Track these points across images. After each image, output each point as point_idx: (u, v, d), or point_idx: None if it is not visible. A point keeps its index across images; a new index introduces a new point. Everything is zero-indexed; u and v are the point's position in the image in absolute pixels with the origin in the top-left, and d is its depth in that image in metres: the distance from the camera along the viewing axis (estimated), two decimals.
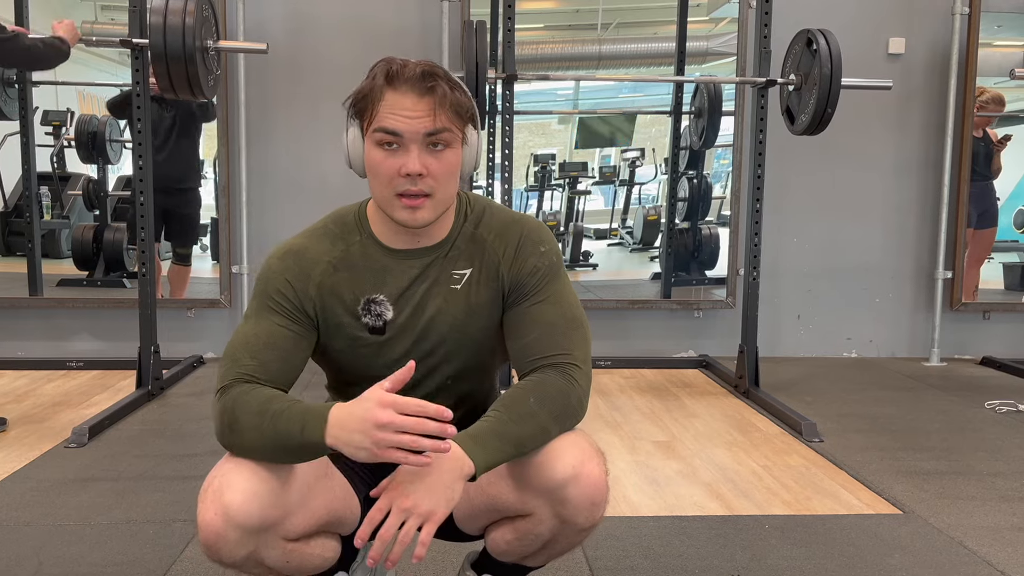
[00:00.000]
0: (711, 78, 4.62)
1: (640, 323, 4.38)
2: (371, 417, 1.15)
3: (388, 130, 1.26)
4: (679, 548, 2.04)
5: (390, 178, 1.28)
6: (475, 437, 1.23)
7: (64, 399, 3.43)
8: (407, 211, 1.29)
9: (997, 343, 4.46)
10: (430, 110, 1.25)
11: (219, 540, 1.22)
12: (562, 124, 5.45)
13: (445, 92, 1.26)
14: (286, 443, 1.21)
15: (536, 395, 1.27)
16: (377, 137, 1.27)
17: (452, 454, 1.19)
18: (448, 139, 1.28)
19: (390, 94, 1.26)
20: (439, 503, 1.18)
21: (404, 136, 1.26)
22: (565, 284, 1.39)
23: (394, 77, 1.26)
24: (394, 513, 1.17)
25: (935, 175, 4.37)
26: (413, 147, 1.26)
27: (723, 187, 4.76)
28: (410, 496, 1.17)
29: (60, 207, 4.57)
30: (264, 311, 1.34)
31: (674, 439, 2.98)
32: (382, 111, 1.26)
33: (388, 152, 1.27)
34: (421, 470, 1.18)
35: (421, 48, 4.11)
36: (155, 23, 2.97)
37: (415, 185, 1.27)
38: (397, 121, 1.25)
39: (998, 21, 4.45)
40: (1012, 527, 2.21)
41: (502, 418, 1.25)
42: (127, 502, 2.30)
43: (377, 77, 1.27)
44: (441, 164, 1.28)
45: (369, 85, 1.28)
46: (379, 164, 1.28)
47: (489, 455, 1.22)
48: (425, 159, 1.27)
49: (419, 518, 1.17)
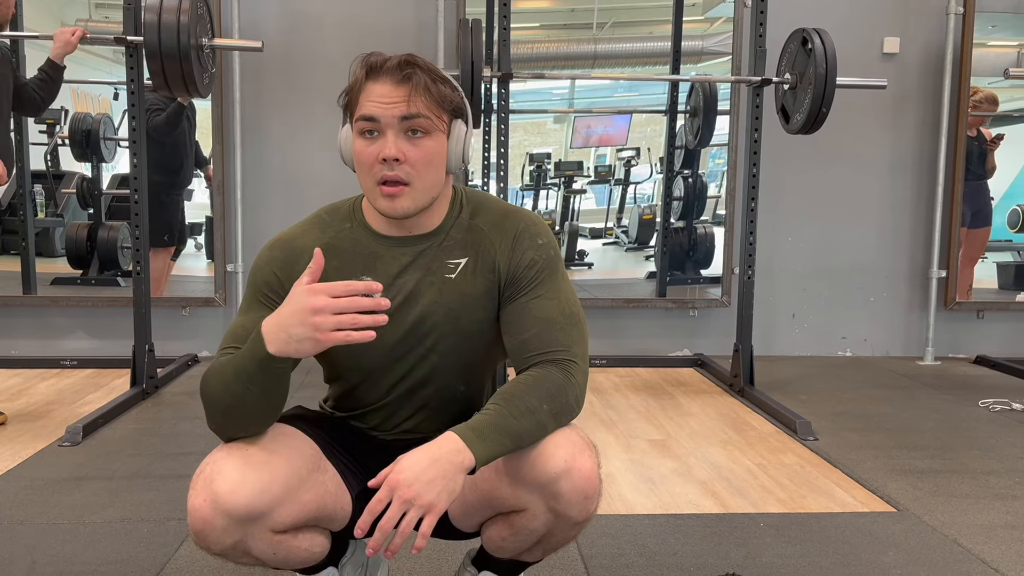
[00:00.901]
0: (706, 77, 4.63)
1: (635, 322, 4.39)
2: (305, 306, 1.15)
3: (365, 116, 1.29)
4: (674, 546, 2.05)
5: (370, 166, 1.30)
6: (476, 429, 1.22)
7: (58, 398, 3.42)
8: (387, 199, 1.31)
9: (991, 342, 4.47)
10: (405, 96, 1.28)
11: (206, 527, 1.24)
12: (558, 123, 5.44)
13: (422, 80, 1.29)
14: (244, 375, 1.22)
15: (536, 391, 1.27)
16: (358, 126, 1.30)
17: (454, 446, 1.20)
18: (425, 125, 1.29)
19: (369, 84, 1.30)
20: (440, 495, 1.17)
21: (380, 121, 1.28)
22: (563, 279, 1.39)
23: (373, 68, 1.29)
24: (395, 504, 1.16)
25: (929, 174, 4.38)
26: (389, 132, 1.29)
27: (718, 186, 4.76)
28: (411, 487, 1.16)
29: (54, 205, 4.55)
30: (253, 303, 1.36)
31: (669, 438, 2.98)
32: (362, 100, 1.29)
33: (368, 140, 1.30)
34: (421, 460, 1.18)
35: (416, 46, 4.10)
36: (150, 21, 2.96)
37: (391, 170, 1.29)
38: (374, 107, 1.28)
39: (992, 21, 4.47)
40: (1006, 525, 2.22)
41: (502, 412, 1.24)
42: (121, 501, 2.30)
43: (358, 70, 1.31)
44: (419, 151, 1.30)
45: (353, 79, 1.31)
46: (360, 153, 1.31)
47: (489, 448, 1.22)
48: (402, 145, 1.29)
49: (420, 510, 1.17)
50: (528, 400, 1.26)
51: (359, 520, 1.18)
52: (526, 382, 1.29)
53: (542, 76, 4.64)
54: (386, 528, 1.16)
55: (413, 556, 1.88)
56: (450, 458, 1.19)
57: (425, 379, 1.41)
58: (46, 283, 4.32)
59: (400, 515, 1.16)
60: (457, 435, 1.21)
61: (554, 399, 1.28)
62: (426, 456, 1.19)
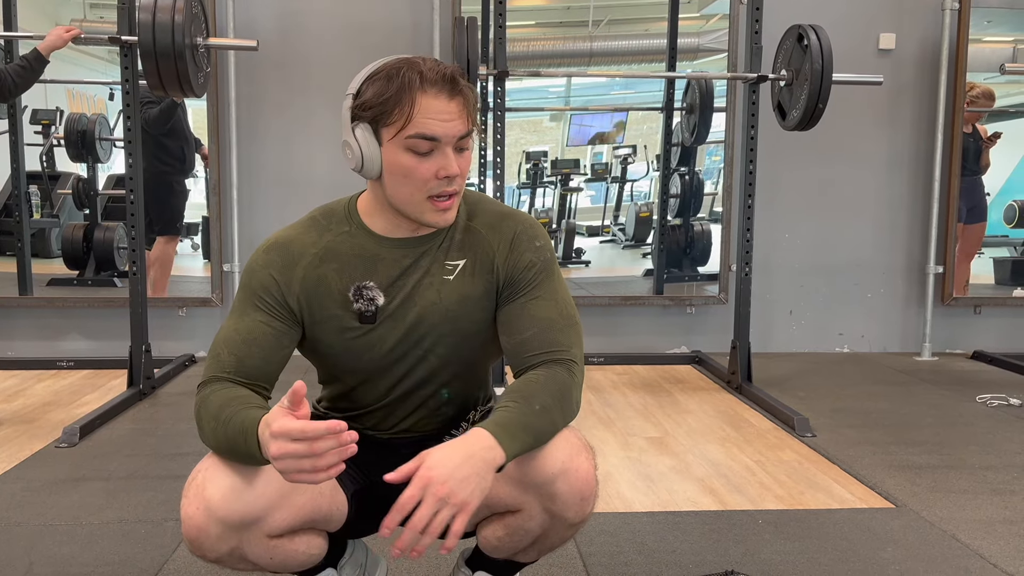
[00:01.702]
0: (702, 74, 4.63)
1: (633, 319, 4.39)
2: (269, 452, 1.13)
3: (427, 136, 1.25)
4: (673, 543, 2.04)
5: (425, 181, 1.28)
6: (503, 426, 1.20)
7: (55, 399, 3.41)
8: (439, 213, 1.31)
9: (988, 337, 4.47)
10: (461, 112, 1.27)
11: (201, 535, 1.23)
12: (554, 121, 5.45)
13: (468, 93, 1.28)
14: (237, 449, 1.22)
15: (548, 389, 1.27)
16: (412, 143, 1.25)
17: (486, 443, 1.17)
18: (470, 141, 1.31)
19: (422, 97, 1.24)
20: (474, 493, 1.14)
21: (441, 140, 1.26)
22: (559, 281, 1.39)
23: (426, 79, 1.24)
24: (427, 502, 1.12)
25: (926, 170, 4.38)
26: (448, 150, 1.27)
27: (715, 183, 4.76)
28: (445, 484, 1.12)
29: (50, 206, 4.54)
30: (247, 307, 1.34)
31: (667, 435, 2.98)
32: (417, 117, 1.24)
33: (422, 157, 1.27)
34: (454, 456, 1.14)
35: (412, 45, 4.10)
36: (144, 20, 2.95)
37: (451, 186, 1.29)
38: (435, 126, 1.25)
39: (988, 16, 4.47)
40: (1004, 520, 2.22)
41: (523, 409, 1.23)
42: (118, 502, 2.29)
43: (409, 80, 1.24)
44: (466, 163, 1.32)
45: (395, 89, 1.24)
46: (413, 169, 1.27)
47: (516, 445, 1.20)
48: (457, 160, 1.29)
49: (453, 508, 1.12)
50: (543, 398, 1.25)
51: (386, 518, 1.12)
52: (538, 381, 1.28)
53: (538, 74, 4.64)
54: (417, 527, 1.11)
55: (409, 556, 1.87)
56: (483, 455, 1.16)
57: (424, 380, 1.41)
58: (42, 284, 4.31)
59: (433, 513, 1.12)
60: (488, 432, 1.18)
61: (563, 399, 1.28)
62: (459, 452, 1.15)
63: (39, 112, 4.36)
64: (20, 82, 3.20)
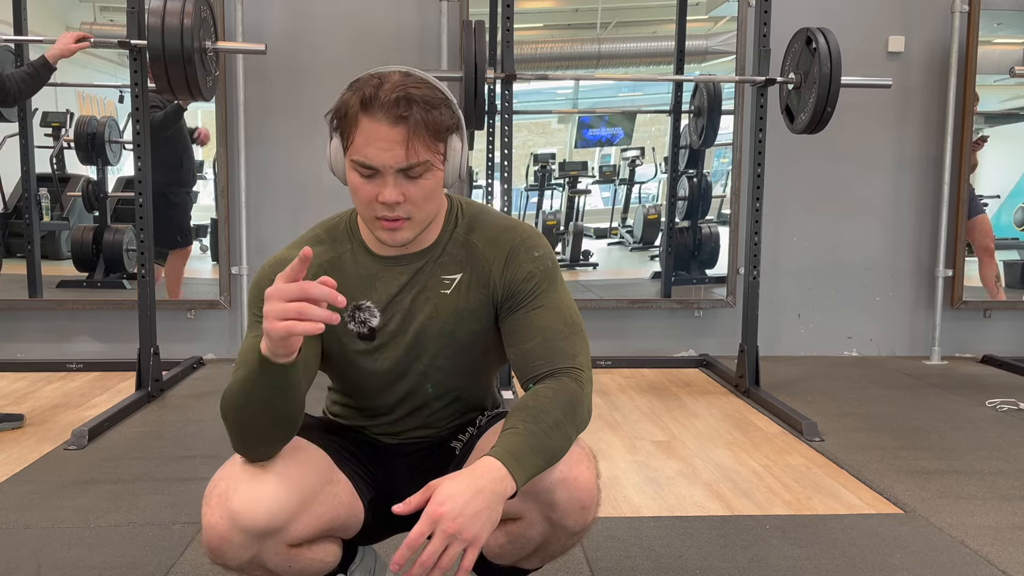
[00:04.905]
0: (710, 77, 4.62)
1: (640, 322, 4.38)
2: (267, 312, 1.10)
3: (362, 163, 1.23)
4: (680, 548, 2.04)
5: (367, 203, 1.26)
6: (516, 455, 1.17)
7: (63, 401, 3.43)
8: (387, 232, 1.28)
9: (998, 341, 4.45)
10: (403, 139, 1.20)
11: (223, 544, 1.23)
12: (562, 123, 5.44)
13: (418, 120, 1.20)
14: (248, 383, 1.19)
15: (559, 404, 1.25)
16: (353, 166, 1.25)
17: (496, 474, 1.14)
18: (423, 170, 1.24)
19: (364, 120, 1.21)
20: (484, 527, 1.12)
21: (379, 169, 1.23)
22: (562, 289, 1.38)
23: (368, 103, 1.21)
24: (437, 538, 1.10)
25: (935, 173, 4.37)
26: (388, 177, 1.23)
27: (723, 186, 4.75)
28: (455, 520, 1.10)
29: (60, 208, 4.56)
30: (254, 323, 1.32)
31: (674, 439, 2.98)
32: (358, 140, 1.22)
33: (365, 179, 1.24)
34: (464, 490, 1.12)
35: (419, 48, 4.11)
36: (153, 24, 2.96)
37: (392, 212, 1.25)
38: (371, 154, 1.21)
39: (998, 19, 4.45)
40: (1013, 526, 2.21)
41: (533, 430, 1.21)
42: (127, 504, 2.30)
43: (352, 100, 1.23)
44: (419, 189, 1.25)
45: (345, 107, 1.24)
46: (358, 188, 1.26)
47: (527, 472, 1.18)
48: (403, 186, 1.24)
49: (464, 543, 1.11)
50: (554, 414, 1.23)
51: (396, 555, 1.09)
52: (547, 395, 1.26)
53: (546, 77, 4.64)
54: (427, 563, 1.09)
55: None
56: (493, 487, 1.13)
57: (427, 393, 1.42)
58: (52, 286, 4.33)
59: (443, 549, 1.10)
60: (498, 461, 1.16)
61: (574, 411, 1.26)
62: (469, 486, 1.12)
63: (49, 115, 4.38)
64: (24, 88, 3.13)
